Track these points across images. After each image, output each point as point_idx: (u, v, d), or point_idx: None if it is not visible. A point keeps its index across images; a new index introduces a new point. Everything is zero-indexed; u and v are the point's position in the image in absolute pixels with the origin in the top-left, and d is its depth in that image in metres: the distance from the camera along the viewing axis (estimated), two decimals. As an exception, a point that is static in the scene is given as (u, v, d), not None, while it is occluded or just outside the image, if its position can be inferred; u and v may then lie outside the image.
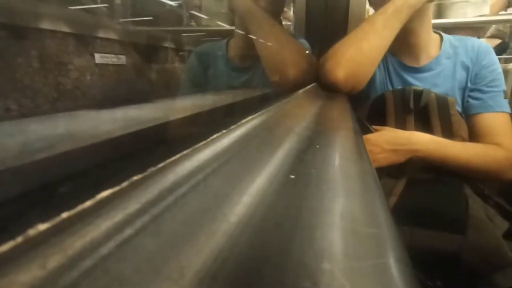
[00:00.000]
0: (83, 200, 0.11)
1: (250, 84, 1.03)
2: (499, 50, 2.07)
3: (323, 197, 0.19)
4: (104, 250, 0.10)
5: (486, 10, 1.36)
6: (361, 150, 0.32)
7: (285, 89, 0.82)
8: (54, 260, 0.09)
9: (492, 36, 2.21)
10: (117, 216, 0.11)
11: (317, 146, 0.29)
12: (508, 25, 2.14)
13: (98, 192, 0.12)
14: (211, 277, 0.11)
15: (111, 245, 0.10)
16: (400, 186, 0.82)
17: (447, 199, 0.79)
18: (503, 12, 1.99)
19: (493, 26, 2.19)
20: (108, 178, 0.13)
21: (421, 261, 0.75)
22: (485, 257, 0.73)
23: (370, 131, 0.84)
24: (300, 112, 0.43)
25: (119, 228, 0.11)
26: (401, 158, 0.81)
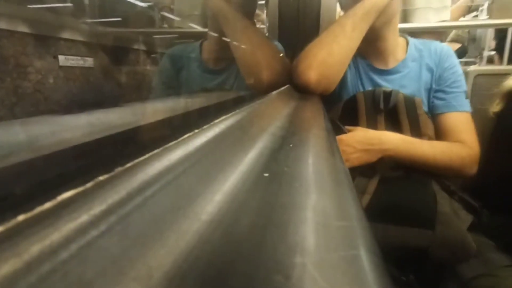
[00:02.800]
0: (42, 202, 0.10)
1: (224, 86, 1.03)
2: (459, 53, 2.20)
3: (296, 194, 0.19)
4: (64, 253, 0.09)
5: (447, 16, 1.45)
6: (333, 149, 0.33)
7: (260, 91, 0.82)
8: (6, 265, 0.08)
9: (452, 41, 2.35)
10: (80, 217, 0.11)
11: (291, 145, 0.29)
12: (466, 30, 2.29)
13: (60, 193, 0.11)
14: (181, 277, 0.11)
15: (72, 247, 0.10)
16: (373, 185, 0.84)
17: (417, 196, 0.83)
18: (463, 19, 2.12)
19: (453, 31, 2.33)
20: (71, 179, 0.12)
21: (394, 257, 0.78)
22: (452, 250, 0.77)
23: (343, 132, 0.86)
24: (274, 112, 0.44)
25: (82, 229, 0.10)
26: (373, 158, 0.84)
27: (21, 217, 0.10)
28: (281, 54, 0.95)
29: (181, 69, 1.07)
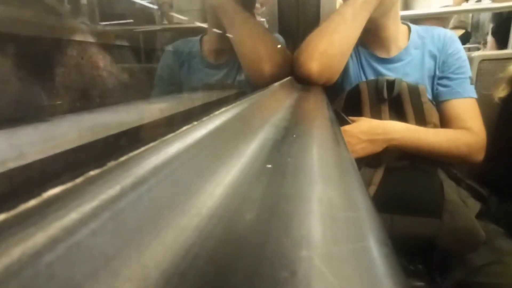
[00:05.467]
0: (26, 199, 0.10)
1: (225, 81, 1.01)
2: (463, 39, 2.17)
3: (300, 185, 0.18)
4: (49, 255, 0.09)
5: (449, 1, 1.42)
6: (338, 138, 0.32)
7: (261, 84, 0.81)
8: (-16, 269, 0.07)
9: (455, 27, 2.31)
10: (68, 215, 0.10)
11: (294, 136, 0.28)
12: (469, 15, 2.25)
13: (46, 189, 0.10)
14: (179, 276, 0.10)
15: (59, 248, 0.09)
16: (378, 175, 0.83)
17: (423, 185, 0.82)
18: (466, 3, 2.08)
19: (455, 17, 2.29)
20: (59, 174, 0.11)
21: (402, 247, 0.77)
22: (460, 238, 0.76)
23: (346, 122, 0.85)
24: (276, 104, 0.43)
25: (70, 228, 0.10)
26: (378, 148, 0.82)
27: (2, 216, 0.09)
28: (282, 46, 0.93)
29: (182, 65, 1.06)
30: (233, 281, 0.10)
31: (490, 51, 1.82)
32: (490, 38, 1.88)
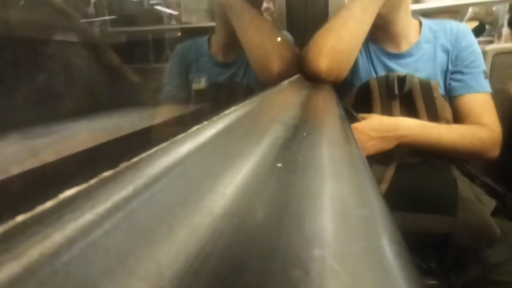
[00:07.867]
0: (43, 201, 0.10)
1: (234, 79, 1.02)
2: (477, 32, 2.12)
3: (311, 183, 0.18)
4: (66, 254, 0.09)
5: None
6: (348, 136, 0.32)
7: (270, 82, 0.81)
8: (4, 269, 0.08)
9: (470, 19, 2.26)
10: (83, 216, 0.10)
11: (304, 134, 0.28)
12: (484, 7, 2.19)
13: (62, 191, 0.11)
14: (193, 275, 0.10)
15: (75, 248, 0.09)
16: (390, 172, 0.82)
17: (436, 182, 0.80)
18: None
19: (470, 9, 2.23)
20: (74, 176, 0.11)
21: (414, 245, 0.76)
22: (475, 236, 0.74)
23: (356, 120, 0.84)
24: (285, 102, 0.42)
25: (85, 229, 0.10)
26: (389, 145, 0.81)
27: (20, 218, 0.09)
28: (291, 43, 0.93)
29: (190, 64, 1.07)
30: (246, 280, 0.10)
31: (505, 44, 1.77)
32: (506, 30, 1.83)
